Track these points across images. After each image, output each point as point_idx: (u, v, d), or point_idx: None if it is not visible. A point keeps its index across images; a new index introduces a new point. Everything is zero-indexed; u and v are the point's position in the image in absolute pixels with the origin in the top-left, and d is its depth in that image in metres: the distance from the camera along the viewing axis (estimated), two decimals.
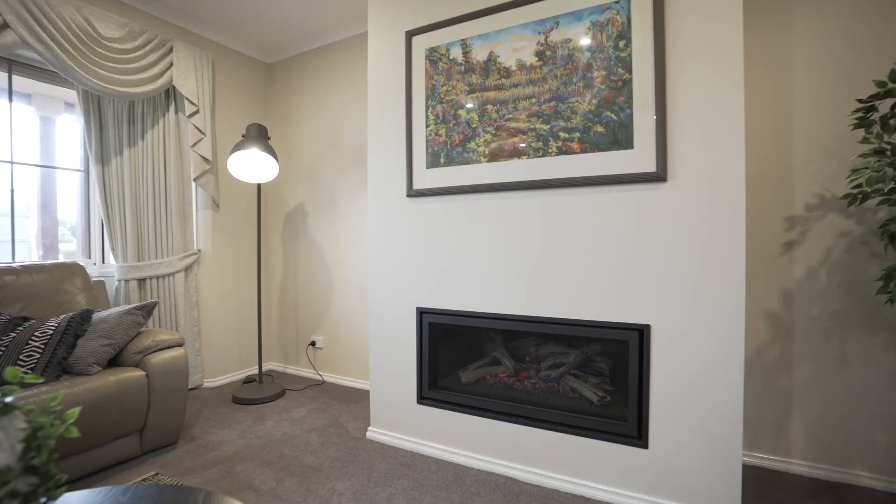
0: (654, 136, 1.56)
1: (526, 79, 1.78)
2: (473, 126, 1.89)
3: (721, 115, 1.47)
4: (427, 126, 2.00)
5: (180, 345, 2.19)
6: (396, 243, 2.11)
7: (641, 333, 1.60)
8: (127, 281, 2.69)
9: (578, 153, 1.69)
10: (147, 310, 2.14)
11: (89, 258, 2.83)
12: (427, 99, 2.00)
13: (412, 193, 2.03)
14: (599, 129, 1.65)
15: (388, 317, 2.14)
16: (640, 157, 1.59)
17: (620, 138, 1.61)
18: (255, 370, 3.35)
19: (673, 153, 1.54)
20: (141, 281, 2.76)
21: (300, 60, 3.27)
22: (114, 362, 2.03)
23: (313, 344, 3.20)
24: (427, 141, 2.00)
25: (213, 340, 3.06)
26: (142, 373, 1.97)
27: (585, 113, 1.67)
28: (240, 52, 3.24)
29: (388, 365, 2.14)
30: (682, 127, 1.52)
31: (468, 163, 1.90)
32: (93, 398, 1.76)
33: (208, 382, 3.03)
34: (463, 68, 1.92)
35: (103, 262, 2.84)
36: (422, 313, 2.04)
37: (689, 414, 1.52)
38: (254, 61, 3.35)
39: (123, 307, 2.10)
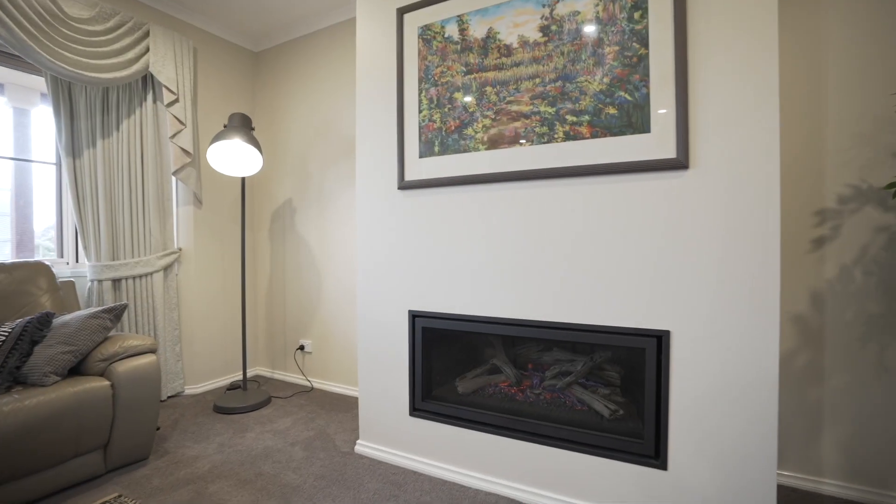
0: (675, 117, 1.38)
1: (529, 57, 1.61)
2: (471, 110, 1.71)
3: (752, 93, 1.29)
4: (420, 111, 1.82)
5: (152, 351, 2.01)
6: (386, 240, 1.93)
7: (660, 340, 1.42)
8: (100, 281, 2.51)
9: (588, 138, 1.51)
10: (115, 313, 1.96)
11: (62, 257, 2.65)
12: (420, 82, 1.83)
13: (404, 185, 1.85)
14: (611, 110, 1.47)
15: (377, 321, 1.96)
16: (657, 142, 1.41)
17: (636, 121, 1.44)
18: (240, 376, 3.16)
19: (696, 137, 1.37)
20: (116, 281, 2.57)
21: (289, 48, 3.09)
22: (77, 371, 1.85)
23: (302, 348, 3.02)
24: (420, 127, 1.82)
25: (195, 345, 2.88)
26: (106, 383, 1.79)
27: (596, 93, 1.50)
28: (225, 39, 3.06)
29: (377, 373, 1.96)
30: (707, 107, 1.35)
31: (465, 151, 1.73)
32: (47, 412, 1.57)
33: (189, 389, 2.84)
34: (459, 47, 1.74)
35: (77, 261, 2.66)
36: (414, 317, 1.86)
37: (714, 431, 1.35)
38: (240, 49, 3.17)
39: (88, 310, 1.92)
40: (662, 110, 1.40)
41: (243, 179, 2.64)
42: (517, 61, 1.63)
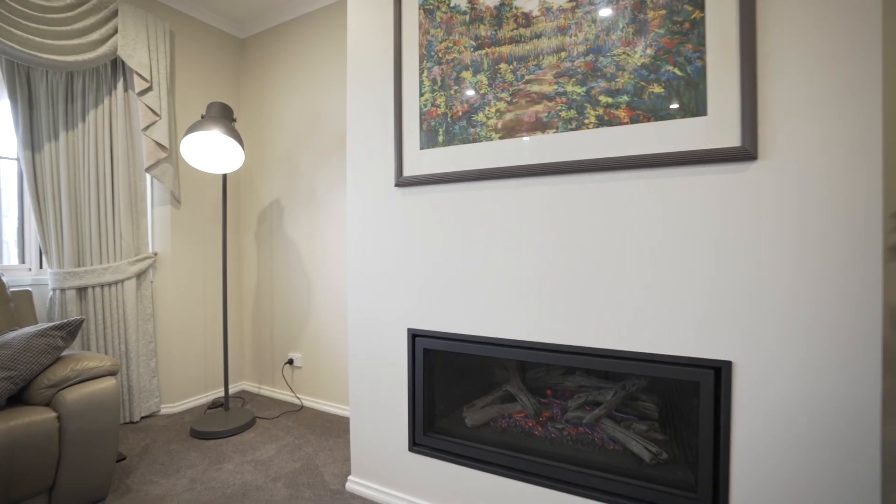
0: (739, 96, 1.11)
1: (552, 26, 1.33)
2: (482, 92, 1.44)
3: (843, 61, 1.02)
4: (421, 94, 1.55)
5: (112, 373, 1.74)
6: (382, 247, 1.65)
7: (719, 373, 1.15)
8: (63, 290, 2.24)
9: (626, 123, 1.24)
10: (69, 330, 1.69)
11: (24, 262, 2.38)
12: (421, 60, 1.55)
13: (402, 182, 1.58)
14: (657, 89, 1.20)
15: (371, 340, 1.69)
16: (716, 127, 1.14)
17: (687, 101, 1.16)
18: (223, 392, 2.89)
19: (767, 121, 1.09)
20: (81, 290, 2.31)
21: (277, 33, 2.82)
22: (19, 400, 1.59)
23: (291, 362, 2.75)
24: (421, 113, 1.55)
25: (172, 359, 2.61)
26: (52, 414, 1.52)
27: (636, 68, 1.22)
28: (206, 22, 2.79)
29: (372, 400, 1.69)
30: (782, 83, 1.07)
31: (475, 140, 1.45)
32: None
33: (166, 409, 2.57)
34: (468, 18, 1.47)
35: (41, 266, 2.39)
36: (414, 336, 1.59)
37: (792, 487, 1.07)
38: (223, 34, 2.89)
39: (36, 327, 1.65)
40: (723, 87, 1.12)
41: (224, 177, 2.37)
42: (538, 32, 1.35)
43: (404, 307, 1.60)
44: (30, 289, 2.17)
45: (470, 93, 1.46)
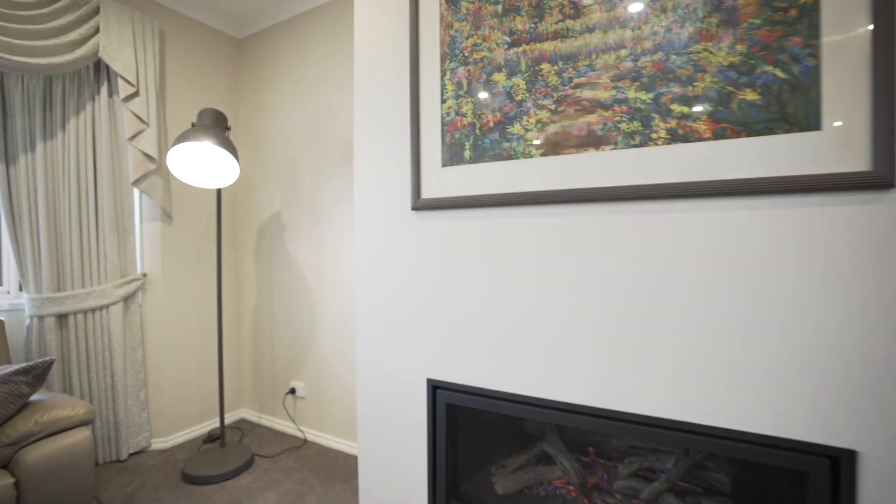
0: (870, 104, 0.84)
1: (609, 17, 1.07)
2: (518, 98, 1.18)
3: None
4: (444, 101, 1.30)
5: (86, 422, 1.52)
6: (396, 281, 1.41)
7: (837, 464, 0.88)
8: (41, 318, 2.02)
9: (709, 139, 0.98)
10: (35, 374, 1.47)
11: (1, 285, 2.17)
12: (443, 59, 1.30)
13: (420, 205, 1.33)
14: (750, 96, 0.94)
15: (383, 389, 1.44)
16: (835, 146, 0.87)
17: (793, 112, 0.90)
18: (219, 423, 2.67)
19: None
20: (61, 317, 2.08)
21: (278, 32, 2.58)
22: None
23: (293, 391, 2.51)
24: (443, 124, 1.30)
25: (163, 390, 2.38)
26: (8, 480, 1.30)
27: (722, 69, 0.96)
28: (200, 21, 2.55)
29: (384, 457, 1.45)
30: None
31: (510, 157, 1.20)
32: None
33: (158, 443, 2.35)
34: (500, 8, 1.22)
35: (21, 290, 2.17)
36: (435, 388, 1.34)
37: None
38: (219, 34, 2.66)
39: None
40: (844, 94, 0.86)
41: (219, 191, 2.13)
42: (590, 25, 1.10)
43: (423, 354, 1.35)
44: (2, 318, 1.95)
45: (503, 99, 1.20)
